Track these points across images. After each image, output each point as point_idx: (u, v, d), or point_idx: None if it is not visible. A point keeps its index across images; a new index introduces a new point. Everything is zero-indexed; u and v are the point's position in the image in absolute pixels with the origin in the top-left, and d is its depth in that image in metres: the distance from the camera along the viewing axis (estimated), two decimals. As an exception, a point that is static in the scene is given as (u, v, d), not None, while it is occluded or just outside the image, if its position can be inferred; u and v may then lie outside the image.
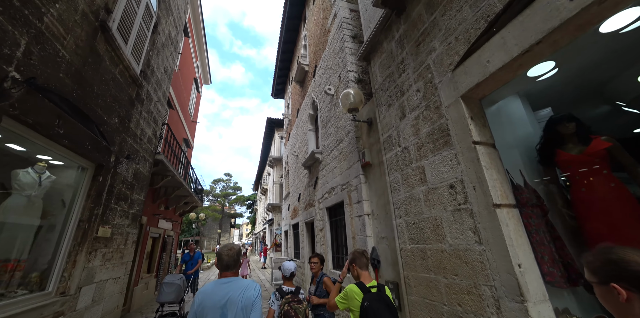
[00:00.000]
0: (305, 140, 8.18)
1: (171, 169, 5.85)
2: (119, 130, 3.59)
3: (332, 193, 5.30)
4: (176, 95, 8.50)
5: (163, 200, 7.83)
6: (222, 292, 1.63)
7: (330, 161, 5.54)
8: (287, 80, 14.05)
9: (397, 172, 3.02)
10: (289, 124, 12.30)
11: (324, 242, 5.59)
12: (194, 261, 6.93)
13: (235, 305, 1.58)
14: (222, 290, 1.64)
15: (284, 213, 12.35)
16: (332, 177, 5.38)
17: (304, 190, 7.80)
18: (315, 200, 6.46)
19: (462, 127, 2.14)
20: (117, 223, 3.67)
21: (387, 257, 3.36)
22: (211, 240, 45.71)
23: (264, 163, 23.64)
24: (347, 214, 4.41)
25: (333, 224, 5.47)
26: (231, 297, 1.61)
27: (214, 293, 1.63)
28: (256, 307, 1.63)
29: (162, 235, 8.30)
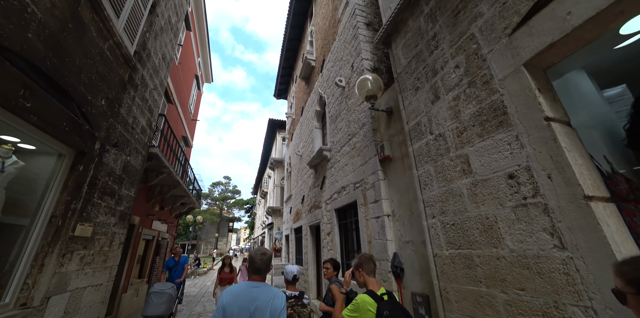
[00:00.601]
0: (310, 138, 7.74)
1: (167, 165, 5.39)
2: (107, 114, 3.15)
3: (342, 193, 4.83)
4: (176, 89, 8.10)
5: (158, 200, 7.34)
6: (252, 295, 1.62)
7: (341, 158, 5.09)
8: (291, 80, 13.72)
9: (429, 163, 2.57)
10: (292, 123, 11.90)
11: (331, 247, 5.10)
12: (179, 267, 5.90)
13: (263, 312, 1.58)
14: (252, 294, 1.63)
15: (285, 217, 11.83)
16: (342, 176, 4.92)
17: (309, 191, 7.33)
18: (322, 202, 5.99)
19: (527, 102, 1.70)
20: (101, 221, 3.20)
21: (413, 264, 2.89)
22: (208, 244, 44.84)
23: (264, 166, 23.17)
24: (362, 216, 3.94)
25: (342, 227, 4.99)
26: (260, 303, 1.60)
27: (244, 294, 1.62)
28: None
29: (156, 238, 7.78)
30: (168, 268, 5.84)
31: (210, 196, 44.07)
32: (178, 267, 5.87)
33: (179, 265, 5.89)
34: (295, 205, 9.24)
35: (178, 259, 5.98)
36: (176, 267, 5.86)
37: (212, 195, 44.45)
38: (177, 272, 5.83)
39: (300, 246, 8.62)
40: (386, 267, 3.22)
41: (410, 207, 3.01)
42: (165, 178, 6.17)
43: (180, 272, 5.88)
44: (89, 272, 2.98)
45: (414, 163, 2.81)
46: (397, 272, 3.03)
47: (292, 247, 9.53)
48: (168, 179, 6.34)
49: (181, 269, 5.92)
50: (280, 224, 15.36)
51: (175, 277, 5.78)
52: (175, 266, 5.86)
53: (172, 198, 8.00)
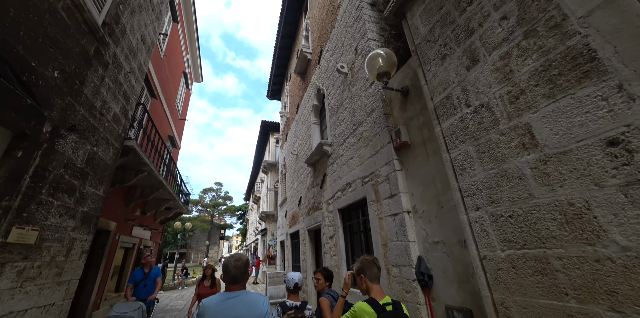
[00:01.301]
0: (307, 135, 7.20)
1: (147, 162, 4.74)
2: (62, 90, 2.54)
3: (347, 190, 4.28)
4: (161, 84, 7.48)
5: (139, 204, 6.62)
6: (230, 308, 1.46)
7: (344, 152, 4.55)
8: (285, 80, 13.26)
9: (467, 143, 2.05)
10: (286, 123, 11.36)
11: (335, 252, 4.51)
12: (149, 281, 4.61)
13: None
14: (230, 306, 1.47)
15: (279, 222, 11.16)
16: (346, 171, 4.37)
17: (307, 192, 6.74)
18: (322, 202, 5.41)
19: (636, 35, 1.21)
20: (53, 224, 2.55)
21: (445, 270, 2.33)
22: (199, 252, 43.26)
23: (257, 170, 22.44)
24: (373, 214, 3.38)
25: (348, 229, 4.42)
26: (240, 314, 1.45)
27: (220, 310, 1.45)
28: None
29: (137, 246, 7.02)
30: (134, 282, 4.51)
31: (200, 203, 42.77)
32: (148, 281, 4.58)
33: (148, 278, 4.61)
34: (291, 209, 8.61)
35: (148, 271, 4.71)
36: (145, 281, 4.56)
37: (202, 201, 43.16)
38: (147, 287, 4.57)
39: (297, 252, 7.96)
40: (408, 274, 2.65)
41: (439, 200, 2.48)
42: (146, 178, 5.50)
43: (150, 288, 4.61)
44: (32, 289, 2.31)
45: (444, 145, 2.29)
46: (423, 280, 2.46)
47: (288, 254, 8.85)
48: (149, 180, 5.66)
49: (152, 284, 4.65)
50: (274, 230, 14.62)
51: (143, 293, 4.49)
52: (144, 279, 4.56)
53: (155, 201, 7.28)
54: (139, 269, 4.74)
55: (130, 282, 4.56)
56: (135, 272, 4.68)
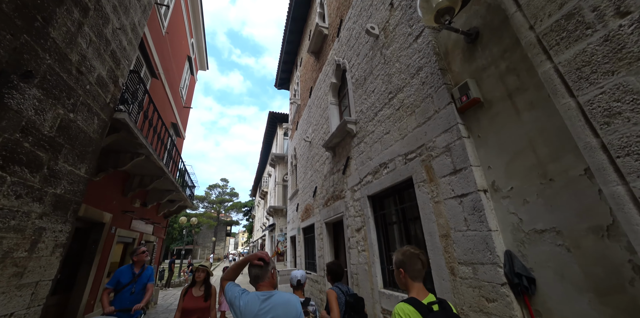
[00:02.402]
0: (324, 118, 6.46)
1: (143, 142, 4.06)
2: (12, 21, 1.85)
3: (381, 172, 3.54)
4: (162, 63, 6.80)
5: (138, 194, 5.99)
6: (267, 310, 1.36)
7: (376, 127, 3.81)
8: (294, 67, 12.56)
9: (624, 72, 1.29)
10: (296, 111, 10.64)
11: (364, 247, 3.79)
12: (138, 285, 3.27)
13: None
14: (266, 308, 1.36)
15: (289, 216, 10.49)
16: (379, 149, 3.63)
17: (323, 181, 6.02)
18: (345, 190, 4.68)
19: None
20: (5, 207, 1.87)
21: (566, 271, 1.58)
22: (205, 249, 43.09)
23: (263, 164, 21.83)
24: (425, 198, 2.64)
25: (381, 220, 3.69)
26: (276, 316, 1.35)
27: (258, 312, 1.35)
28: None
29: (138, 241, 6.41)
30: (117, 284, 3.16)
31: (207, 199, 42.49)
32: (137, 285, 3.23)
33: (138, 281, 3.27)
34: (304, 201, 7.92)
35: (140, 271, 3.35)
36: (133, 285, 3.20)
37: (209, 198, 42.87)
38: (135, 293, 3.19)
39: (311, 248, 7.28)
40: (490, 275, 1.91)
41: (544, 172, 1.73)
42: (144, 164, 4.84)
43: (138, 295, 3.22)
44: (-32, 296, 1.63)
45: (563, 87, 1.53)
46: (520, 284, 1.72)
47: (300, 250, 8.18)
48: (148, 166, 5.00)
49: (141, 289, 3.29)
50: (283, 225, 13.99)
51: (127, 302, 3.09)
52: (132, 282, 3.20)
53: (157, 192, 6.65)
54: (127, 267, 3.34)
55: (110, 283, 3.13)
56: (120, 270, 3.28)
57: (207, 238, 43.49)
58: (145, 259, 3.45)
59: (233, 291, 1.46)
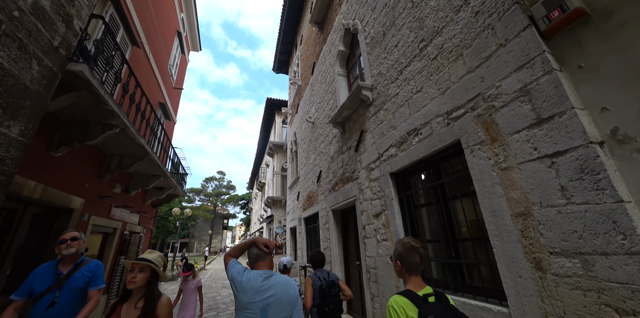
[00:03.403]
0: (330, 93, 5.71)
1: (114, 109, 3.29)
2: None
3: (409, 142, 2.83)
4: (145, 31, 5.97)
5: (118, 177, 5.24)
6: (267, 288, 1.44)
7: (400, 88, 3.08)
8: (293, 48, 11.73)
9: None
10: (296, 94, 9.87)
11: (386, 236, 3.10)
12: (65, 294, 1.92)
13: (280, 303, 1.43)
14: (267, 286, 1.45)
15: (289, 207, 9.82)
16: (407, 114, 2.91)
17: (330, 163, 5.31)
18: (358, 170, 3.98)
19: None
20: None
21: None
22: (202, 242, 42.55)
23: (261, 155, 21.07)
24: (482, 165, 1.94)
25: (406, 202, 3.00)
26: (276, 293, 1.44)
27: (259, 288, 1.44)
28: (298, 304, 1.49)
29: (121, 231, 5.69)
30: (29, 294, 1.88)
31: (203, 192, 41.74)
32: (62, 293, 1.92)
33: (64, 287, 1.95)
34: (306, 188, 7.22)
35: (70, 269, 2.04)
36: (55, 294, 1.90)
37: (205, 191, 42.12)
38: (57, 305, 1.88)
39: (314, 240, 6.62)
40: (627, 271, 1.22)
41: None
42: (120, 139, 4.08)
43: (64, 309, 1.89)
44: None
45: None
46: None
47: (301, 242, 7.52)
48: (126, 142, 4.25)
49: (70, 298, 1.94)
50: (281, 217, 13.35)
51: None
52: (54, 288, 1.92)
53: (141, 177, 5.90)
54: (48, 266, 2.04)
55: (19, 292, 1.88)
56: (37, 270, 2.00)
57: (203, 232, 42.93)
58: (69, 251, 2.04)
59: (236, 267, 1.52)
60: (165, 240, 35.30)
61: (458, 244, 2.37)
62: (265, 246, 1.59)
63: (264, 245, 1.58)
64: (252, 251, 1.60)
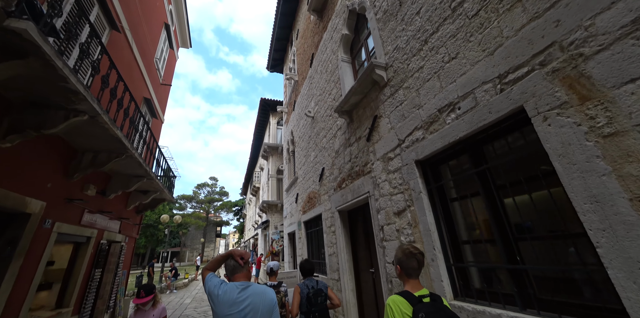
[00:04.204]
0: (332, 81, 5.22)
1: (79, 89, 2.68)
2: None
3: (441, 121, 2.32)
4: (127, 16, 5.39)
5: (92, 177, 4.56)
6: (244, 298, 1.52)
7: (426, 61, 2.60)
8: (288, 44, 11.30)
9: None
10: (293, 91, 9.37)
11: (414, 237, 2.55)
12: None
13: (258, 313, 1.52)
14: (244, 296, 1.53)
15: (286, 210, 9.19)
16: (436, 89, 2.41)
17: (335, 158, 4.77)
18: (372, 161, 3.44)
19: None
20: None
21: None
22: (194, 251, 41.03)
23: (255, 159, 20.40)
24: (565, 136, 1.43)
25: (437, 195, 2.47)
26: (253, 303, 1.53)
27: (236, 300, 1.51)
28: (276, 312, 1.60)
29: (97, 240, 4.98)
30: None
31: (195, 199, 40.50)
32: None
33: None
34: (306, 189, 6.64)
35: None
36: None
37: (197, 197, 40.88)
38: None
39: (316, 245, 6.01)
40: None
41: None
42: (91, 128, 3.46)
43: None
44: None
45: None
46: None
47: (302, 248, 6.88)
48: (99, 133, 3.62)
49: None
50: (277, 222, 12.66)
51: None
52: None
53: (121, 178, 5.23)
54: None
55: None
56: None
57: (195, 240, 41.49)
58: None
59: (213, 281, 1.59)
60: (156, 250, 33.88)
61: (518, 244, 1.84)
62: (241, 258, 1.67)
63: (239, 257, 1.66)
64: (229, 263, 1.67)
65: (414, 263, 1.46)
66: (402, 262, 1.48)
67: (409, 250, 1.49)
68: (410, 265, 1.46)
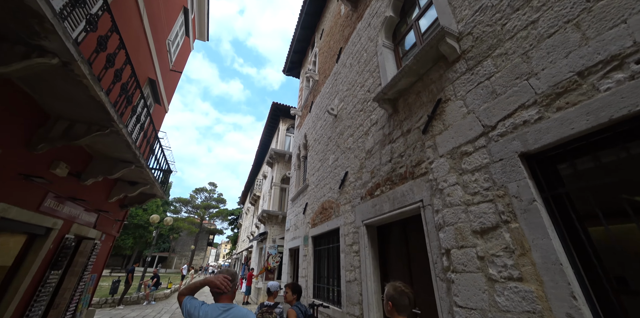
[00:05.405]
0: (367, 71, 4.47)
1: (45, 15, 1.93)
2: None
3: (585, 88, 1.46)
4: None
5: (63, 152, 3.69)
6: None
7: (542, 12, 1.78)
8: (309, 47, 10.82)
9: None
10: (310, 92, 8.70)
11: (521, 271, 1.60)
12: None
13: None
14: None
15: (290, 222, 8.17)
16: (571, 43, 1.58)
17: (365, 159, 3.90)
18: (431, 159, 2.56)
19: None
20: None
21: None
22: (183, 258, 39.09)
23: (259, 165, 19.56)
24: None
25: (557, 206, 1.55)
26: None
27: None
28: None
29: (61, 234, 4.03)
30: None
31: (191, 203, 39.25)
32: None
33: None
34: (319, 198, 5.70)
35: None
36: None
37: (193, 202, 39.63)
38: None
39: (326, 266, 4.97)
40: None
41: None
42: (62, 81, 2.65)
43: None
44: None
45: None
46: None
47: (306, 268, 5.80)
48: (75, 92, 2.80)
49: None
50: (277, 235, 11.56)
51: None
52: None
53: (103, 160, 4.36)
54: None
55: None
56: None
57: (186, 247, 39.70)
58: None
59: (192, 303, 1.56)
60: (143, 253, 32.17)
61: None
62: (219, 287, 1.61)
63: (216, 288, 1.61)
64: None
65: (406, 300, 1.56)
66: (395, 299, 1.57)
67: (401, 288, 1.60)
68: (403, 302, 1.56)
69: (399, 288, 1.59)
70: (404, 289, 1.59)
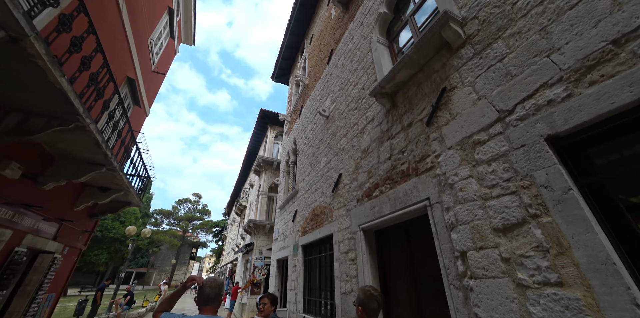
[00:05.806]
0: (361, 69, 4.31)
1: None
2: None
3: (629, 50, 1.26)
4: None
5: (16, 149, 3.21)
6: None
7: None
8: (298, 53, 10.76)
9: None
10: (300, 96, 8.51)
11: (560, 274, 1.34)
12: None
13: None
14: None
15: (278, 231, 7.73)
16: (602, 10, 1.41)
17: (361, 159, 3.65)
18: (437, 152, 2.33)
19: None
20: None
21: None
22: (162, 273, 36.86)
23: (245, 174, 18.99)
24: None
25: (594, 196, 1.31)
26: None
27: None
28: None
29: (8, 246, 3.46)
30: None
31: (173, 215, 37.53)
32: None
33: None
34: (310, 204, 5.37)
35: None
36: None
37: (176, 213, 37.92)
38: None
39: (318, 277, 4.58)
40: None
41: None
42: (15, 64, 2.29)
43: None
44: None
45: None
46: None
47: (296, 280, 5.36)
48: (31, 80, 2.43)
49: None
50: (263, 246, 10.98)
51: None
52: None
53: (68, 163, 3.89)
54: None
55: None
56: None
57: (166, 261, 37.57)
58: None
59: (172, 316, 1.46)
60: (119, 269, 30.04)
61: None
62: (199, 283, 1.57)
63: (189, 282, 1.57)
64: (204, 291, 1.54)
65: (375, 304, 1.57)
66: (364, 304, 1.58)
67: (370, 292, 1.62)
68: (372, 306, 1.57)
69: (369, 292, 1.62)
70: (373, 293, 1.61)
